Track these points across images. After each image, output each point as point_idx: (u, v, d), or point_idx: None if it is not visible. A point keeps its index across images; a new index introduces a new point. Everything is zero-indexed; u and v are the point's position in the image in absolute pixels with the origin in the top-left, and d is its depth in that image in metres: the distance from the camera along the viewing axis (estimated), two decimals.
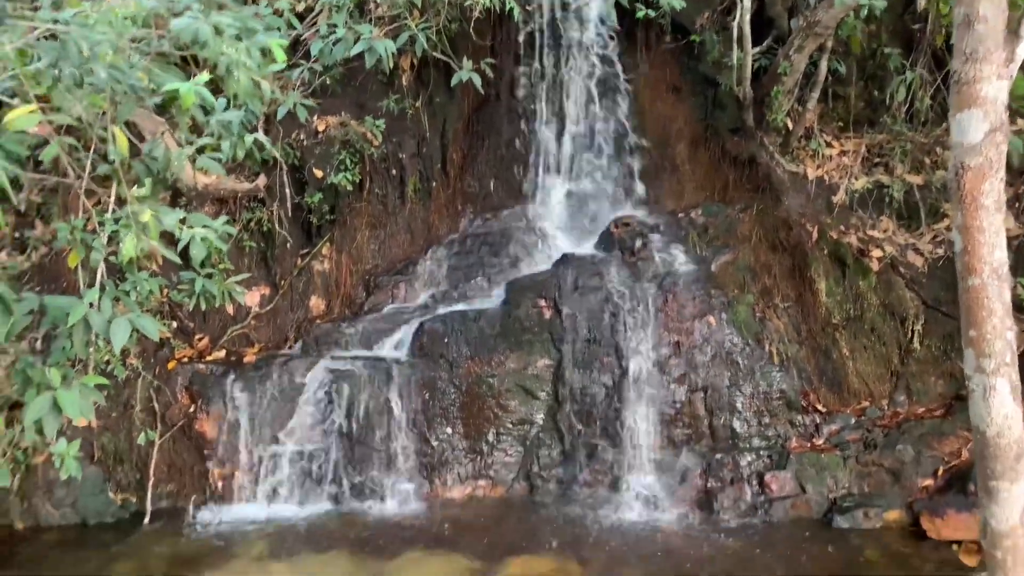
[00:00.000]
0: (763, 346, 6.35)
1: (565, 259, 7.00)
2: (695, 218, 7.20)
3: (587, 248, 7.45)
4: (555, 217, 7.87)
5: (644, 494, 5.92)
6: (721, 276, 6.66)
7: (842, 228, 6.69)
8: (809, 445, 6.04)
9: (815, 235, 6.63)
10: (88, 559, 5.39)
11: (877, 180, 6.88)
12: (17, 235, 7.29)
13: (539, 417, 6.41)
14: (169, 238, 4.43)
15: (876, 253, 6.50)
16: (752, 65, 7.12)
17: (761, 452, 5.96)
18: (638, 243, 6.94)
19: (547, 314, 6.60)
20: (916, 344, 6.35)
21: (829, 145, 7.26)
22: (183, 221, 3.64)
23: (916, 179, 6.78)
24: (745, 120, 7.47)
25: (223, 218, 3.93)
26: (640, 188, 7.94)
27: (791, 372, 6.32)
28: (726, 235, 6.99)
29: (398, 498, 6.15)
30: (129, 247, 3.51)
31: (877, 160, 7.11)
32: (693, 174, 7.92)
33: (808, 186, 7.04)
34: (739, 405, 6.17)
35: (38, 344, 6.37)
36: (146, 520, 6.00)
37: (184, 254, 6.61)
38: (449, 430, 6.35)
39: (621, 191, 7.96)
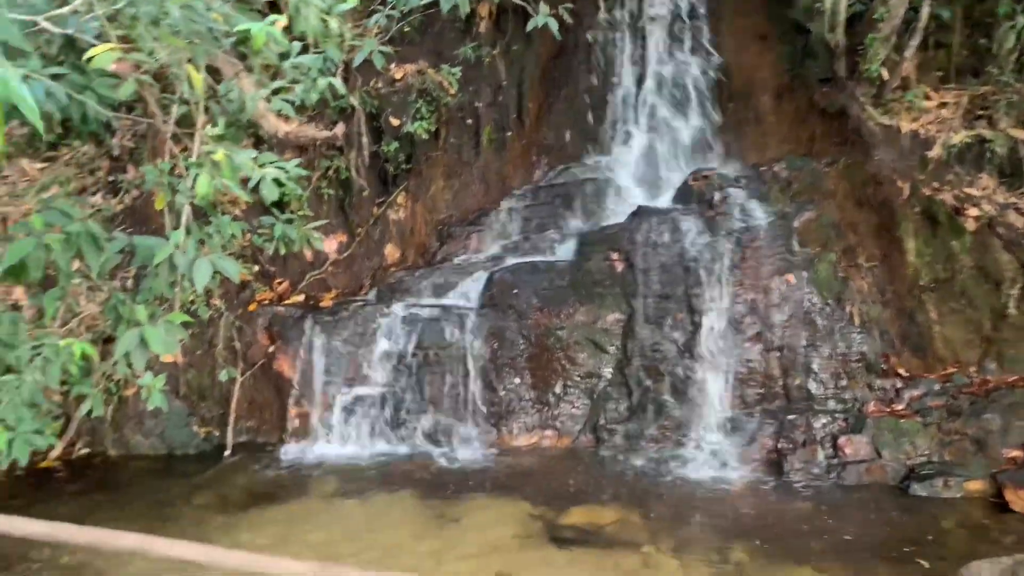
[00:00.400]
0: (844, 307, 6.12)
1: (640, 212, 6.86)
2: (778, 172, 6.92)
3: (663, 201, 7.29)
4: (631, 169, 7.71)
5: (712, 452, 5.85)
6: (803, 233, 6.41)
7: (936, 185, 6.32)
8: (888, 410, 5.82)
9: (906, 192, 6.29)
10: (173, 486, 5.71)
11: (978, 135, 6.44)
12: (111, 179, 7.63)
13: (607, 371, 6.39)
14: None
15: (973, 212, 6.13)
16: (846, 11, 6.73)
17: (836, 415, 5.78)
18: (717, 196, 6.74)
19: (619, 268, 6.52)
20: (1012, 309, 5.99)
21: (927, 97, 6.83)
22: (256, 161, 3.70)
23: (1021, 134, 6.32)
24: (836, 70, 7.09)
25: (296, 160, 3.98)
26: (721, 140, 7.69)
27: (872, 334, 6.08)
28: (810, 190, 6.71)
29: (465, 444, 6.26)
30: (203, 185, 3.61)
31: (980, 113, 6.64)
32: (778, 126, 7.61)
33: (901, 140, 6.65)
34: (815, 366, 5.99)
35: (129, 283, 6.70)
36: (226, 453, 6.31)
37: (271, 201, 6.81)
38: (517, 380, 6.40)
39: (701, 143, 7.73)
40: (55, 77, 4.43)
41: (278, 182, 3.66)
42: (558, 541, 4.66)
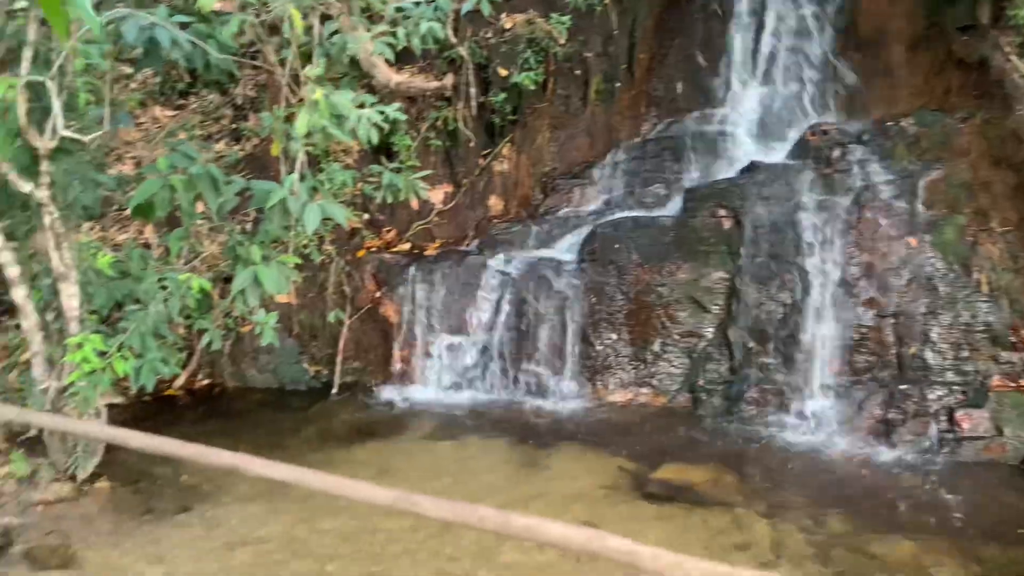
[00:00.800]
0: (971, 273, 5.70)
1: (752, 167, 6.60)
2: (905, 127, 6.46)
3: (778, 157, 6.97)
4: (745, 122, 7.38)
5: (815, 418, 5.64)
6: (929, 193, 5.99)
7: None
8: (1014, 385, 5.43)
9: None
10: (284, 418, 6.06)
11: None
12: (234, 127, 8.01)
13: (708, 331, 6.24)
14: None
15: None
16: None
17: (954, 388, 5.44)
18: (836, 152, 6.38)
19: (726, 224, 6.32)
20: None
21: None
22: (355, 102, 3.78)
23: None
24: (979, 17, 6.50)
25: (396, 104, 4.04)
26: (845, 93, 7.23)
27: (1001, 304, 5.64)
28: (940, 147, 6.23)
29: (560, 396, 6.30)
30: (303, 124, 3.73)
31: None
32: (909, 78, 7.07)
33: None
34: (934, 335, 5.63)
35: (248, 227, 7.06)
36: (333, 391, 6.62)
37: (380, 152, 6.99)
38: (614, 336, 6.36)
39: (822, 96, 7.30)
40: (181, 26, 4.67)
41: (379, 127, 3.73)
42: (647, 495, 4.65)
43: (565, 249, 6.87)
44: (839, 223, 5.98)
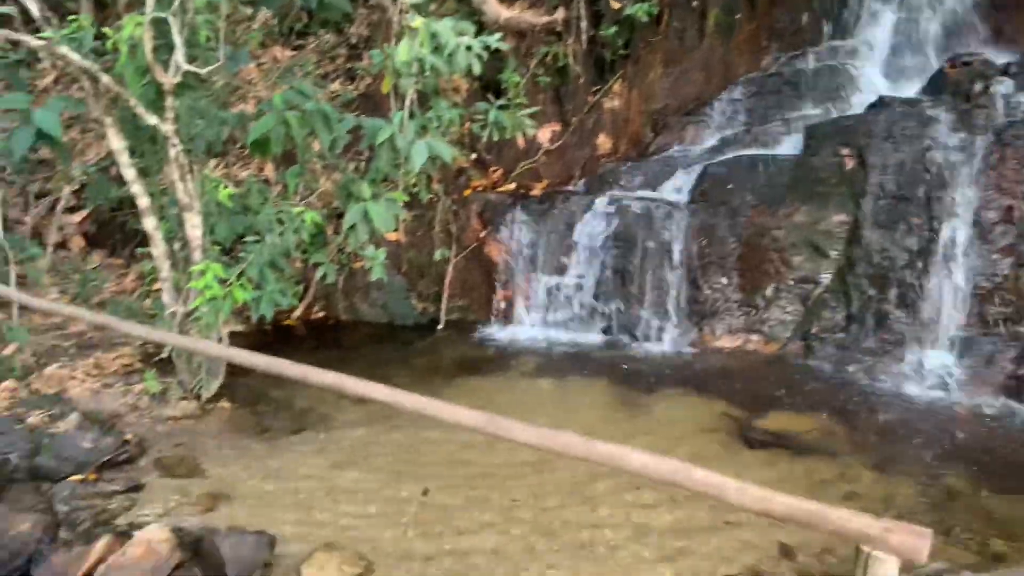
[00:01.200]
0: None
1: (881, 103, 6.15)
2: None
3: (910, 92, 6.46)
4: (876, 55, 6.85)
5: (937, 372, 5.31)
6: None
7: None
8: None
9: None
10: (393, 351, 6.28)
11: None
12: (348, 66, 8.16)
13: (825, 277, 5.95)
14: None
15: None
16: None
17: None
18: (977, 86, 5.84)
19: (849, 164, 5.94)
20: None
21: None
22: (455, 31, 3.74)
23: None
24: None
25: (498, 35, 3.98)
26: (989, 21, 6.55)
27: None
28: None
29: (665, 339, 6.21)
30: (403, 52, 3.73)
31: None
32: None
33: None
34: None
35: (361, 166, 7.23)
36: (439, 327, 6.78)
37: (489, 90, 6.95)
38: (724, 280, 6.16)
39: (963, 24, 6.65)
40: None
41: (482, 59, 3.69)
42: (750, 442, 4.54)
43: (675, 190, 6.67)
44: (976, 164, 5.50)
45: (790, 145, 6.53)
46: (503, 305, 6.79)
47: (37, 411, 4.34)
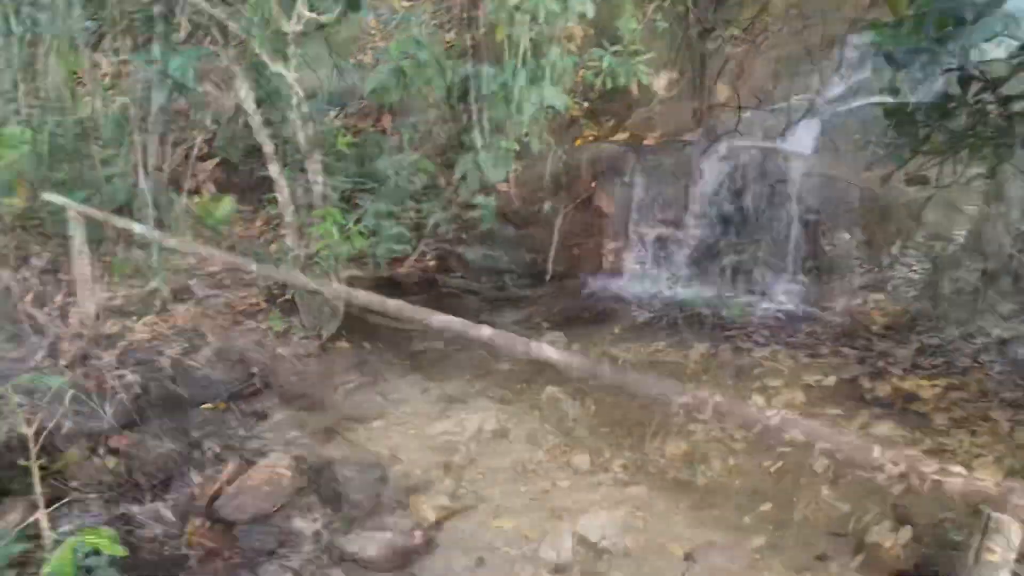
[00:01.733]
0: None
1: None
2: None
3: None
4: None
5: None
6: None
7: None
8: None
9: None
10: (504, 298, 6.40)
11: None
12: (463, 16, 8.17)
13: (959, 233, 5.57)
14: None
15: None
16: None
17: None
18: None
19: (993, 112, 5.47)
20: None
21: None
22: None
23: None
24: None
25: None
26: None
27: None
28: None
29: (780, 297, 6.00)
30: None
31: None
32: None
33: None
34: None
35: (474, 115, 7.27)
36: (548, 277, 6.81)
37: (603, 37, 6.81)
38: (846, 236, 5.88)
39: None
40: None
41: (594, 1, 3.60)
42: (868, 402, 4.37)
43: (796, 140, 6.36)
44: None
45: (926, 91, 6.06)
46: (611, 258, 6.73)
47: (175, 344, 4.70)
